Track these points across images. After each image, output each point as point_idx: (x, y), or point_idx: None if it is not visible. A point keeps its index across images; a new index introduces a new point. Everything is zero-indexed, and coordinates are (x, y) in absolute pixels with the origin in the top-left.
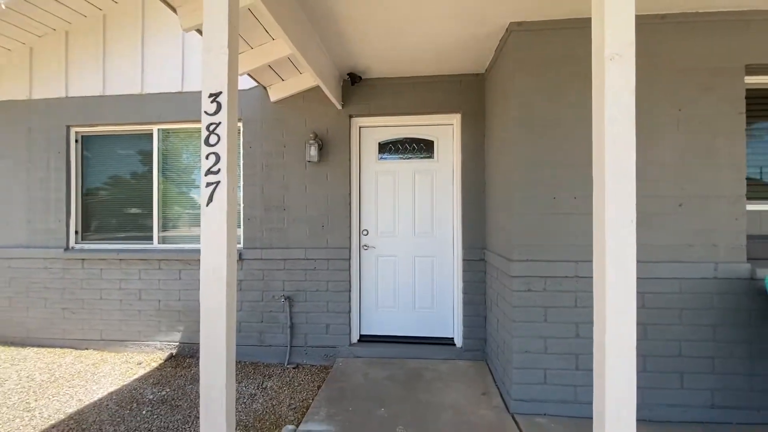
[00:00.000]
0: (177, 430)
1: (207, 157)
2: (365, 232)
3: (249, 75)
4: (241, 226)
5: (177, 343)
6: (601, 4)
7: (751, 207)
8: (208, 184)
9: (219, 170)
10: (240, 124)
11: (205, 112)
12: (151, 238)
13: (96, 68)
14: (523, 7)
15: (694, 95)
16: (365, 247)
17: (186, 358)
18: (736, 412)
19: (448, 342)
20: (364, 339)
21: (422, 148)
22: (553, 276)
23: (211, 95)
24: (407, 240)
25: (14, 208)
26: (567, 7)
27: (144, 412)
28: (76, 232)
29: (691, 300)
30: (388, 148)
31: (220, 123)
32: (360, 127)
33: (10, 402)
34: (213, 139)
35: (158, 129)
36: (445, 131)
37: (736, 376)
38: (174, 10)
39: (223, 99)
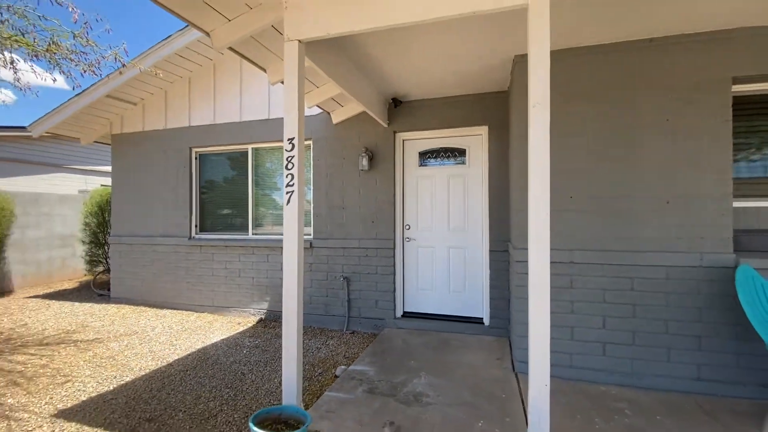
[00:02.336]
0: (267, 362)
1: (287, 176)
2: (407, 227)
3: (317, 106)
4: (312, 222)
5: (265, 311)
6: (529, 72)
7: (749, 204)
8: (287, 192)
9: (293, 184)
10: (310, 143)
11: (285, 149)
12: (247, 231)
13: (209, 104)
14: (523, 42)
15: (680, 106)
16: (407, 239)
17: (271, 321)
18: (722, 385)
19: (477, 321)
20: (407, 315)
21: (456, 155)
22: (551, 261)
23: (289, 140)
24: (443, 234)
25: (156, 208)
26: (561, 40)
27: (244, 351)
28: (196, 226)
29: (678, 285)
30: (426, 156)
31: (293, 156)
32: (403, 140)
33: (160, 340)
34: (290, 166)
35: (252, 148)
36: (476, 141)
37: (722, 354)
38: (264, 70)
39: (295, 141)
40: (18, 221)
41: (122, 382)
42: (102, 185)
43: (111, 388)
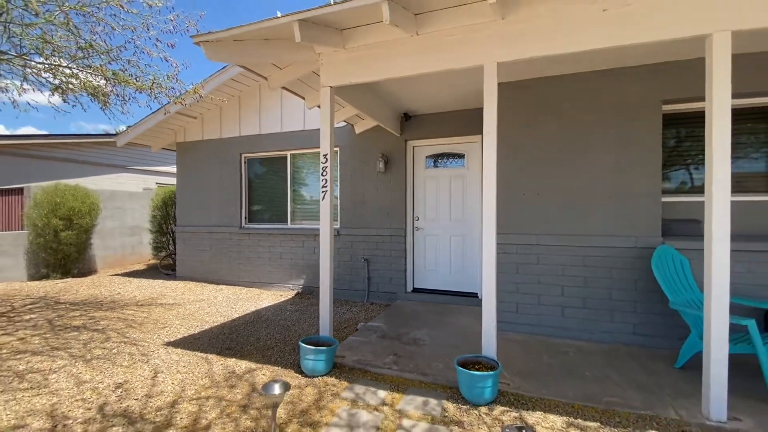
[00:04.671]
0: (305, 320)
1: (322, 181)
2: (417, 218)
3: (343, 120)
4: (339, 215)
5: (301, 286)
6: (484, 110)
7: (678, 199)
8: (322, 192)
9: (326, 187)
10: (337, 149)
11: (321, 162)
12: (286, 221)
13: (255, 117)
14: (504, 73)
15: (621, 123)
16: (416, 229)
17: (306, 294)
18: (652, 339)
19: (473, 295)
20: (416, 290)
21: (457, 159)
22: (523, 244)
23: (324, 155)
24: (446, 224)
25: (213, 202)
26: (524, 74)
27: (287, 313)
28: (245, 217)
29: (619, 262)
30: (433, 159)
31: (327, 167)
32: (413, 147)
33: (222, 305)
34: (324, 173)
35: (290, 153)
36: (473, 147)
37: (651, 314)
38: (303, 98)
39: (328, 156)
40: (100, 214)
41: (203, 329)
42: (157, 183)
43: (196, 332)
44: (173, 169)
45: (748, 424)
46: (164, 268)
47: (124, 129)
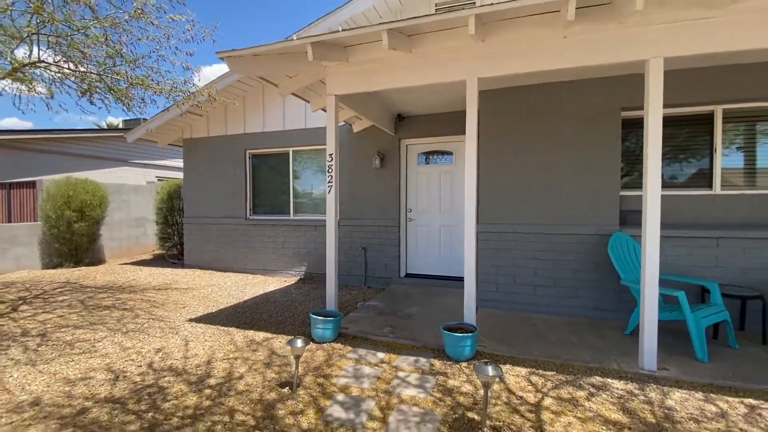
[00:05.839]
0: (309, 301)
1: (328, 177)
2: (409, 210)
3: (343, 120)
4: (337, 207)
5: (303, 272)
6: (467, 119)
7: (634, 193)
8: (328, 186)
9: (332, 182)
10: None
11: (327, 161)
12: (289, 213)
13: (259, 116)
14: (485, 83)
15: (587, 127)
16: (409, 220)
17: (308, 280)
18: (609, 312)
19: (460, 279)
20: (408, 275)
21: (446, 156)
22: (501, 232)
23: (329, 155)
24: (436, 215)
25: (220, 195)
26: (511, 81)
27: (293, 295)
28: (249, 209)
29: (583, 247)
30: (424, 157)
31: (332, 165)
32: (406, 145)
33: (232, 289)
34: (330, 170)
35: (292, 150)
36: (460, 146)
37: (609, 291)
38: (308, 102)
39: (333, 155)
40: (109, 206)
41: (220, 308)
42: (157, 177)
43: (213, 310)
44: (173, 162)
45: (673, 372)
46: (171, 257)
47: (118, 122)
